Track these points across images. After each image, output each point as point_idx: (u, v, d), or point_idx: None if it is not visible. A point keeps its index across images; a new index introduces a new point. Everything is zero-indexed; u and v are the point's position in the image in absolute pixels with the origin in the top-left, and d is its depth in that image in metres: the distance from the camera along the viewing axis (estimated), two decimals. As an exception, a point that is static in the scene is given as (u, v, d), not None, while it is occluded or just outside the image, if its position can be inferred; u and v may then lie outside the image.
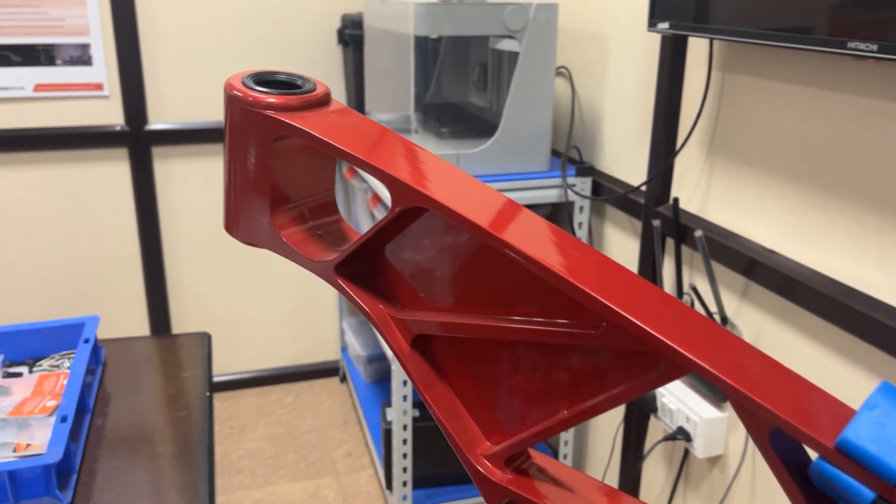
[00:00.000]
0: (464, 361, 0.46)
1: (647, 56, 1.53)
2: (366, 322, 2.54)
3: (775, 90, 1.20)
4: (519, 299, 0.42)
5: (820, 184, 1.12)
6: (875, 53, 0.88)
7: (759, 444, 0.34)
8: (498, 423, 0.45)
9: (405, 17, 1.61)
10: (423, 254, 0.47)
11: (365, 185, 2.18)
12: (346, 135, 0.45)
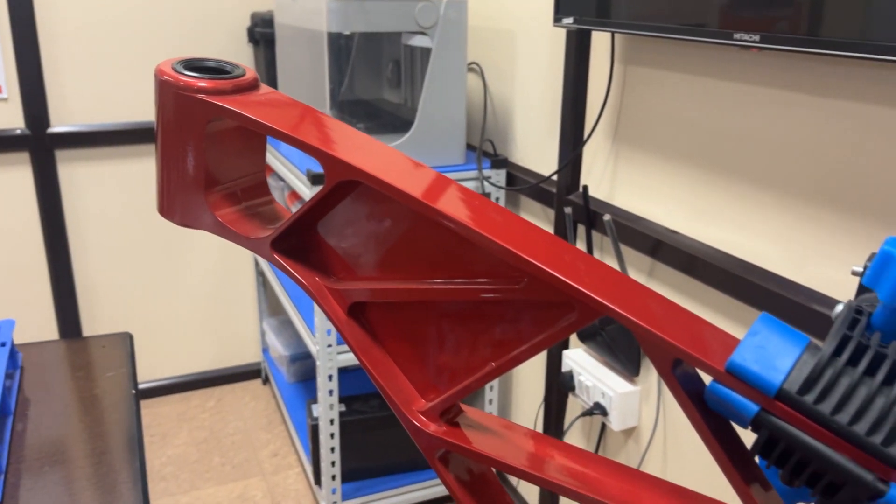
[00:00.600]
0: (397, 325, 0.49)
1: (554, 50, 1.60)
2: (287, 322, 2.53)
3: (672, 80, 1.28)
4: (445, 263, 0.46)
5: (716, 166, 1.21)
6: (758, 43, 0.96)
7: (663, 374, 0.39)
8: (431, 380, 0.49)
9: (318, 14, 1.63)
10: (353, 227, 0.50)
11: (281, 184, 2.18)
12: (278, 115, 0.48)
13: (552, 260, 0.41)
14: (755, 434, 0.37)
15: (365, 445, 1.90)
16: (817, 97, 1.01)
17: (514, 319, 0.44)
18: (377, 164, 0.45)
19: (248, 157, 0.54)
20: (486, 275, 0.44)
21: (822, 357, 0.35)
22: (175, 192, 0.52)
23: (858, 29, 0.83)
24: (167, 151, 0.51)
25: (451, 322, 0.47)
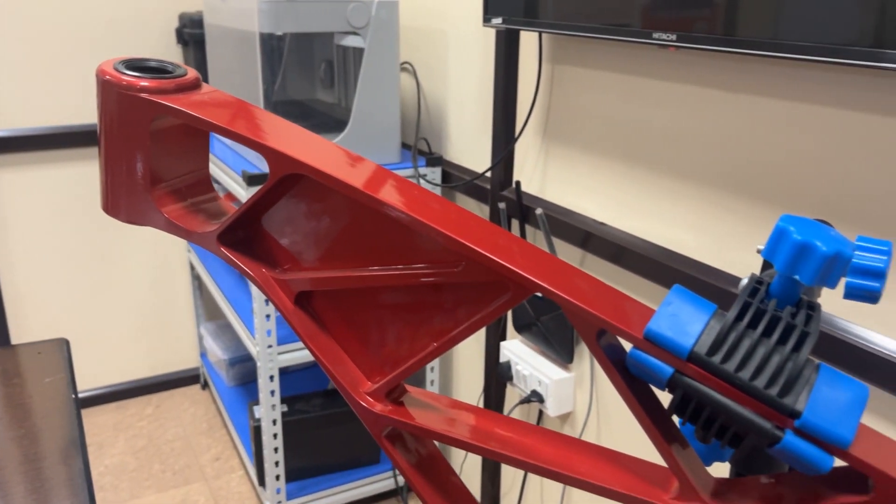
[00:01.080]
0: (342, 312, 0.52)
1: (484, 50, 1.64)
2: (225, 326, 2.51)
3: (597, 78, 1.34)
4: (386, 250, 0.49)
5: (639, 161, 1.27)
6: (675, 42, 1.02)
7: (589, 344, 0.43)
8: (376, 362, 0.52)
9: (249, 15, 1.63)
10: (296, 219, 0.52)
11: (217, 186, 2.16)
12: (222, 113, 0.50)
13: (487, 243, 0.44)
14: (671, 395, 0.41)
15: (308, 445, 1.90)
16: (730, 93, 1.08)
17: (452, 301, 0.47)
18: (320, 157, 0.48)
19: (192, 155, 0.56)
20: (425, 260, 0.47)
21: (727, 322, 0.39)
22: (120, 190, 0.54)
23: (768, 30, 0.89)
24: (111, 150, 0.53)
25: (394, 306, 0.50)
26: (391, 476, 2.00)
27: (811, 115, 0.97)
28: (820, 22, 0.83)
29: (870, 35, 0.78)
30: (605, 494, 0.45)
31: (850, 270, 0.49)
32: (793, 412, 0.37)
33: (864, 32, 0.78)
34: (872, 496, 0.38)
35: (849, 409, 0.37)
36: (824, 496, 0.39)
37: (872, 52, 0.78)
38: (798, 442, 0.37)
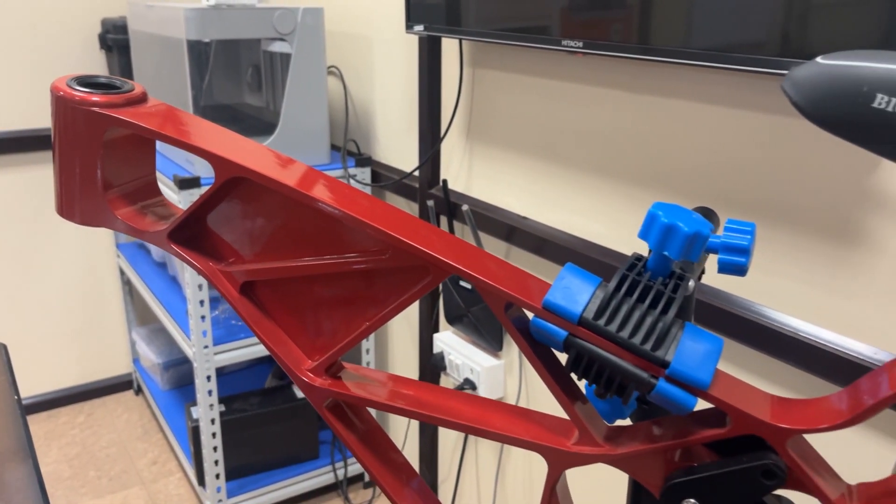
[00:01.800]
0: (282, 298, 0.58)
1: (408, 55, 1.71)
2: (157, 330, 2.50)
3: (515, 81, 1.42)
4: (321, 242, 0.55)
5: (555, 158, 1.36)
6: (581, 49, 1.11)
7: (499, 316, 0.50)
8: (315, 343, 0.58)
9: (175, 23, 1.66)
10: (238, 217, 0.58)
11: (145, 191, 2.17)
12: (168, 124, 0.55)
13: (409, 233, 0.51)
14: (568, 354, 0.49)
15: (247, 443, 1.94)
16: (633, 94, 1.18)
17: (381, 285, 0.54)
18: (258, 161, 0.54)
19: (140, 162, 0.61)
20: (355, 250, 0.54)
21: (608, 291, 0.47)
22: (74, 195, 0.58)
23: (661, 38, 0.99)
24: (65, 159, 0.57)
25: (329, 292, 0.56)
26: (331, 471, 2.05)
27: (702, 112, 1.07)
28: (705, 31, 0.93)
29: (749, 43, 0.88)
30: (517, 444, 0.52)
31: (721, 248, 0.59)
32: (663, 363, 0.46)
33: (743, 41, 0.89)
34: (729, 428, 0.46)
35: (707, 358, 0.46)
36: (694, 432, 0.48)
37: (752, 58, 0.88)
38: (668, 387, 0.45)
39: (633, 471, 0.50)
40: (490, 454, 1.70)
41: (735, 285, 1.07)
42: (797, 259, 0.99)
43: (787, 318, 1.00)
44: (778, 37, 0.86)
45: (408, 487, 0.62)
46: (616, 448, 0.50)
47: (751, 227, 0.59)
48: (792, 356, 0.97)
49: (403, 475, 0.61)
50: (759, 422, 0.44)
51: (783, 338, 0.98)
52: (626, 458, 0.50)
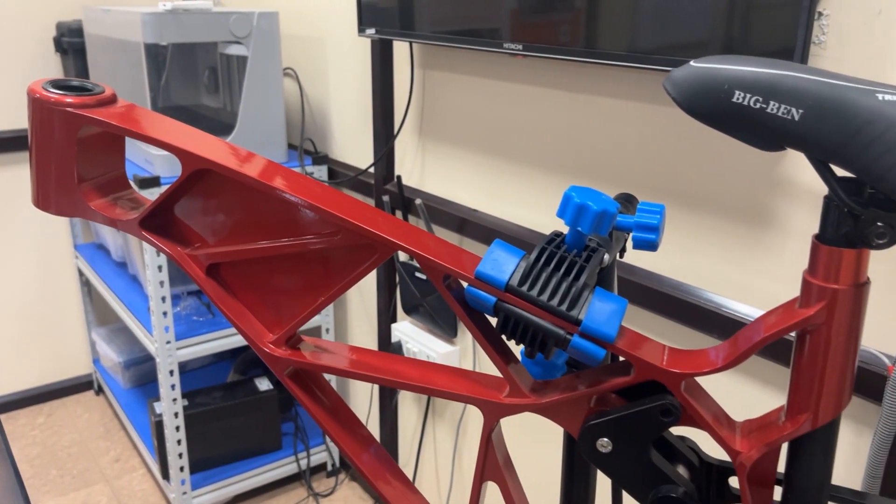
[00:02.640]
0: (244, 278, 0.65)
1: (361, 57, 1.78)
2: (118, 330, 2.52)
3: (462, 82, 1.50)
4: (279, 226, 0.62)
5: (501, 153, 1.44)
6: (521, 52, 1.19)
7: (438, 287, 0.57)
8: (275, 317, 0.65)
9: (133, 26, 1.70)
10: (202, 206, 0.64)
11: (103, 192, 2.19)
12: (137, 122, 0.61)
13: (359, 216, 0.58)
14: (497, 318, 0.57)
15: (210, 436, 1.98)
16: (570, 93, 1.26)
17: (333, 263, 0.61)
18: (221, 155, 0.61)
19: (111, 157, 0.67)
20: (310, 232, 0.61)
21: (530, 261, 0.55)
22: (50, 187, 0.64)
23: (592, 42, 1.08)
24: (42, 155, 0.63)
25: (287, 271, 0.63)
26: (294, 461, 2.10)
27: (631, 109, 1.16)
28: (627, 36, 1.02)
29: (666, 45, 0.97)
30: (458, 399, 0.59)
31: (634, 227, 0.67)
32: (576, 321, 0.53)
33: (663, 44, 0.98)
34: (633, 376, 0.54)
35: (613, 316, 0.53)
36: (605, 381, 0.56)
37: (671, 59, 0.97)
38: (581, 341, 0.53)
39: (556, 417, 0.58)
40: (447, 437, 1.77)
41: (665, 267, 1.16)
42: (719, 241, 1.08)
43: (711, 294, 1.09)
44: (694, 41, 0.95)
45: (367, 452, 0.68)
46: (541, 398, 0.57)
47: (660, 208, 0.67)
48: (716, 329, 1.06)
49: (363, 440, 0.68)
50: (656, 368, 0.52)
51: (707, 313, 1.07)
52: (549, 406, 0.57)
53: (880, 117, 0.42)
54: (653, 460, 0.55)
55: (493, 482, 0.62)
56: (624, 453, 0.55)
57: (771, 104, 0.44)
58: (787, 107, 0.44)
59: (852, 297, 0.47)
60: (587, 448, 0.56)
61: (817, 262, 0.48)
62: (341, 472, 2.20)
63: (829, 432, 0.51)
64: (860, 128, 0.42)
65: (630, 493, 0.56)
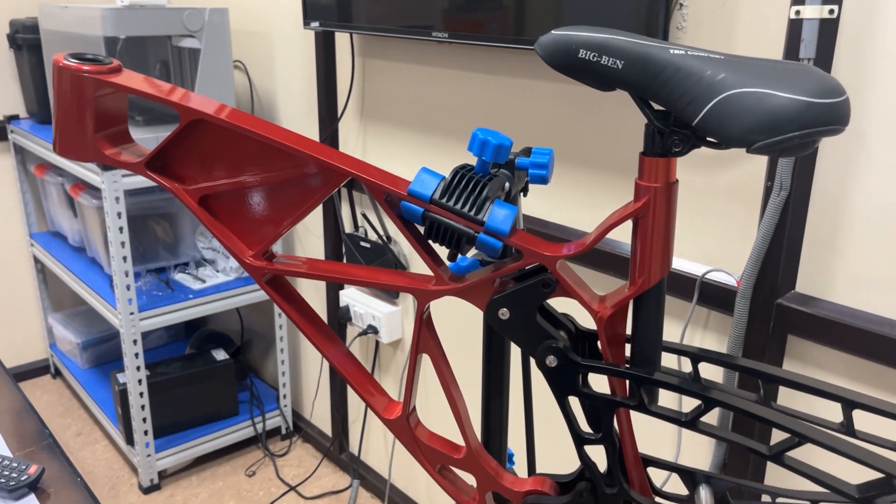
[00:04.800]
0: (229, 206, 0.83)
1: (306, 48, 1.96)
2: (74, 314, 2.63)
3: (398, 68, 1.70)
4: (256, 162, 0.80)
5: (435, 131, 1.64)
6: (447, 39, 1.39)
7: (381, 203, 0.77)
8: (254, 236, 0.83)
9: (92, 21, 1.84)
10: (194, 150, 0.82)
11: (59, 179, 2.31)
12: (143, 84, 0.79)
13: (319, 151, 0.77)
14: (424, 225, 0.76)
15: (171, 403, 2.13)
16: (490, 75, 1.47)
17: (299, 190, 0.80)
18: (211, 108, 0.79)
19: (118, 115, 0.84)
20: (281, 167, 0.80)
21: (447, 181, 0.75)
22: (70, 138, 0.81)
23: (508, 30, 1.29)
24: (67, 112, 0.80)
25: (262, 199, 0.82)
26: (250, 425, 2.26)
27: (539, 87, 1.38)
28: (537, 24, 1.23)
29: (562, 31, 1.19)
30: (396, 289, 0.79)
31: (530, 166, 0.87)
32: (481, 222, 0.73)
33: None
34: (522, 261, 0.75)
35: (507, 218, 0.74)
36: (503, 267, 0.76)
37: (564, 42, 1.18)
38: (485, 237, 0.73)
39: (470, 298, 0.78)
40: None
41: (571, 220, 1.38)
42: (610, 193, 1.30)
43: (616, 241, 1.32)
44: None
45: (333, 346, 0.87)
46: (459, 284, 0.78)
47: (548, 150, 0.88)
48: (610, 267, 1.29)
49: (330, 337, 0.87)
50: (537, 253, 0.73)
51: (603, 254, 1.29)
52: (465, 289, 0.77)
53: (671, 65, 0.63)
54: (539, 322, 0.76)
55: (426, 353, 0.82)
56: (518, 319, 0.76)
57: (603, 58, 0.65)
58: (613, 59, 0.65)
59: (666, 192, 0.69)
60: (491, 317, 0.76)
61: (642, 170, 0.69)
62: (294, 435, 2.37)
63: (658, 290, 0.72)
64: (659, 72, 0.63)
65: (524, 349, 0.77)
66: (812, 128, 0.58)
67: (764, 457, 0.72)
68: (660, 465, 0.83)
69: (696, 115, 0.62)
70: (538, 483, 0.85)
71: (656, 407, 0.75)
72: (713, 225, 1.18)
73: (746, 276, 1.10)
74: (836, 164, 1.02)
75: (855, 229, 1.02)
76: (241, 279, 2.16)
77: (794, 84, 0.59)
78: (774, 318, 1.09)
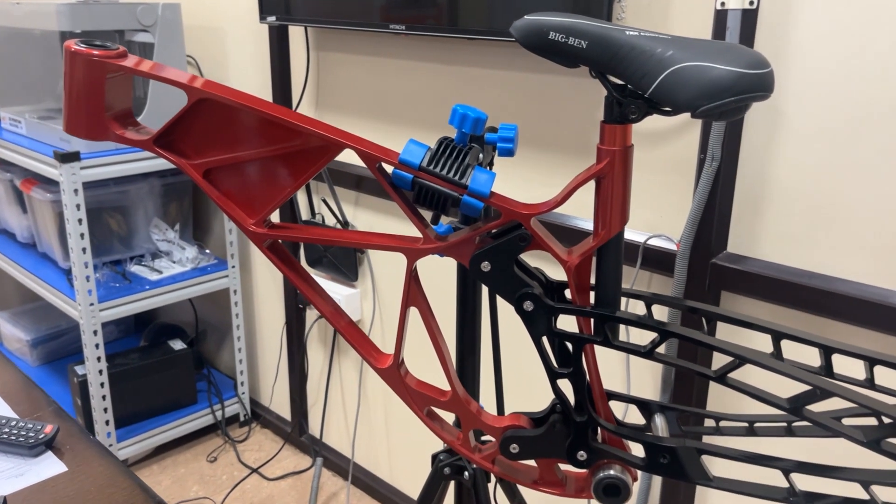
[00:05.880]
0: (231, 179, 0.91)
1: (259, 43, 2.02)
2: (21, 313, 2.61)
3: (353, 60, 1.78)
4: (257, 137, 0.89)
5: (391, 119, 1.74)
6: (405, 31, 1.49)
7: (373, 171, 0.86)
8: (255, 206, 0.91)
9: (48, 16, 1.86)
10: (199, 127, 0.90)
11: (8, 176, 2.30)
12: (154, 68, 0.86)
13: (316, 126, 0.86)
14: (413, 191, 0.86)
15: (131, 393, 2.15)
16: (445, 65, 1.58)
17: (298, 162, 0.89)
18: (217, 88, 0.87)
19: (123, 97, 0.91)
20: (279, 141, 0.88)
21: (433, 151, 0.85)
22: (81, 117, 0.88)
23: (463, 22, 1.39)
24: (78, 94, 0.87)
25: (263, 170, 0.90)
26: (209, 413, 2.31)
27: (492, 76, 1.49)
28: (487, 17, 1.34)
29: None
30: (387, 249, 0.88)
31: (498, 140, 0.98)
32: (464, 185, 0.84)
33: (510, 23, 1.31)
34: (501, 219, 0.85)
35: (487, 181, 0.84)
36: (484, 225, 0.87)
37: (517, 32, 1.30)
38: (468, 199, 0.84)
39: (454, 254, 0.88)
40: (352, 374, 2.05)
41: (527, 198, 1.50)
42: (561, 172, 1.43)
43: (568, 217, 1.44)
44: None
45: (328, 304, 0.96)
46: (444, 242, 0.88)
47: (513, 127, 0.99)
48: (565, 239, 1.41)
49: (324, 296, 0.95)
50: (514, 211, 0.84)
51: (558, 228, 1.41)
52: (450, 246, 0.88)
53: (627, 44, 0.75)
54: (516, 273, 0.87)
55: (415, 307, 0.91)
56: (498, 271, 0.87)
57: (570, 39, 0.76)
58: (578, 40, 0.76)
59: (623, 155, 0.81)
60: (474, 270, 0.87)
61: (603, 136, 0.81)
62: (253, 422, 2.43)
63: (618, 240, 0.84)
64: (617, 50, 0.75)
65: (503, 297, 0.88)
66: (745, 94, 0.70)
67: (711, 378, 0.85)
68: (620, 398, 0.95)
69: (650, 86, 0.74)
70: (515, 419, 0.96)
71: (618, 342, 0.87)
72: (653, 196, 1.32)
73: (684, 239, 1.24)
74: (759, 136, 1.17)
75: (776, 193, 1.17)
76: (198, 269, 2.21)
77: (730, 58, 0.71)
78: (710, 276, 1.23)
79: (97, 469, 0.88)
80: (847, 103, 1.08)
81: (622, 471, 0.92)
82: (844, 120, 1.08)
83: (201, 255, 2.26)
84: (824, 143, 1.11)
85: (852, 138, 1.08)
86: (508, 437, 0.94)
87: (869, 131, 1.06)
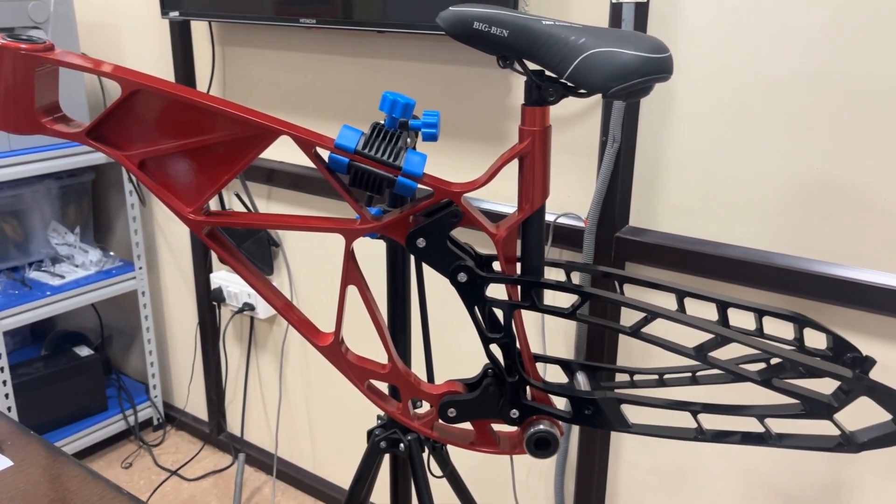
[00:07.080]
0: (167, 168, 0.93)
1: (159, 39, 2.00)
2: None
3: (261, 55, 1.80)
4: (190, 127, 0.91)
5: (301, 112, 1.76)
6: (315, 25, 1.53)
7: (309, 156, 0.91)
8: (192, 195, 0.94)
9: (-71, 12, 1.77)
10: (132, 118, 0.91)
11: None
12: (80, 60, 0.87)
13: (251, 114, 0.90)
14: (349, 174, 0.91)
15: (38, 403, 2.08)
16: (354, 58, 1.62)
17: (235, 149, 0.92)
18: (151, 79, 0.89)
19: (51, 89, 0.91)
20: (213, 130, 0.91)
21: (367, 135, 0.90)
22: (11, 112, 0.88)
23: (371, 15, 1.44)
24: (4, 88, 0.86)
25: (197, 160, 0.92)
26: (122, 419, 2.25)
27: (402, 67, 1.55)
28: (396, 10, 1.40)
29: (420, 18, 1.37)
30: (325, 230, 0.93)
31: (422, 126, 1.04)
32: (398, 167, 0.89)
33: (417, 17, 1.37)
34: (433, 198, 0.92)
35: (420, 163, 0.90)
36: (418, 204, 0.93)
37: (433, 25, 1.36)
38: (403, 180, 0.89)
39: (391, 233, 0.94)
40: (271, 366, 2.06)
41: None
42: (474, 159, 1.51)
43: (486, 203, 1.52)
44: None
45: (268, 288, 0.99)
46: (380, 222, 0.93)
47: (436, 113, 1.06)
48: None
49: (264, 280, 0.99)
50: (446, 190, 0.90)
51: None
52: (386, 225, 0.93)
53: (544, 33, 0.83)
54: (450, 247, 0.93)
55: (353, 285, 0.96)
56: (432, 246, 0.93)
57: (493, 28, 0.83)
58: (500, 30, 0.83)
59: (543, 134, 0.89)
60: (411, 246, 0.93)
61: (524, 118, 0.89)
62: (167, 425, 2.39)
63: (541, 214, 0.92)
64: (535, 39, 0.83)
65: (438, 271, 0.94)
66: (650, 75, 0.79)
67: (627, 333, 0.94)
68: (543, 359, 1.04)
69: (566, 70, 0.82)
70: (450, 385, 1.02)
71: (544, 305, 0.95)
72: (561, 177, 1.42)
73: (591, 216, 1.34)
74: (655, 118, 1.28)
75: (672, 170, 1.29)
76: (102, 272, 2.15)
77: (635, 44, 0.80)
78: (615, 249, 1.34)
79: (44, 461, 0.88)
80: (729, 87, 1.20)
81: (551, 425, 1.00)
82: (727, 101, 1.21)
83: (105, 257, 2.20)
84: (710, 123, 1.23)
85: (734, 118, 1.21)
86: (446, 402, 1.00)
87: (748, 111, 1.19)
